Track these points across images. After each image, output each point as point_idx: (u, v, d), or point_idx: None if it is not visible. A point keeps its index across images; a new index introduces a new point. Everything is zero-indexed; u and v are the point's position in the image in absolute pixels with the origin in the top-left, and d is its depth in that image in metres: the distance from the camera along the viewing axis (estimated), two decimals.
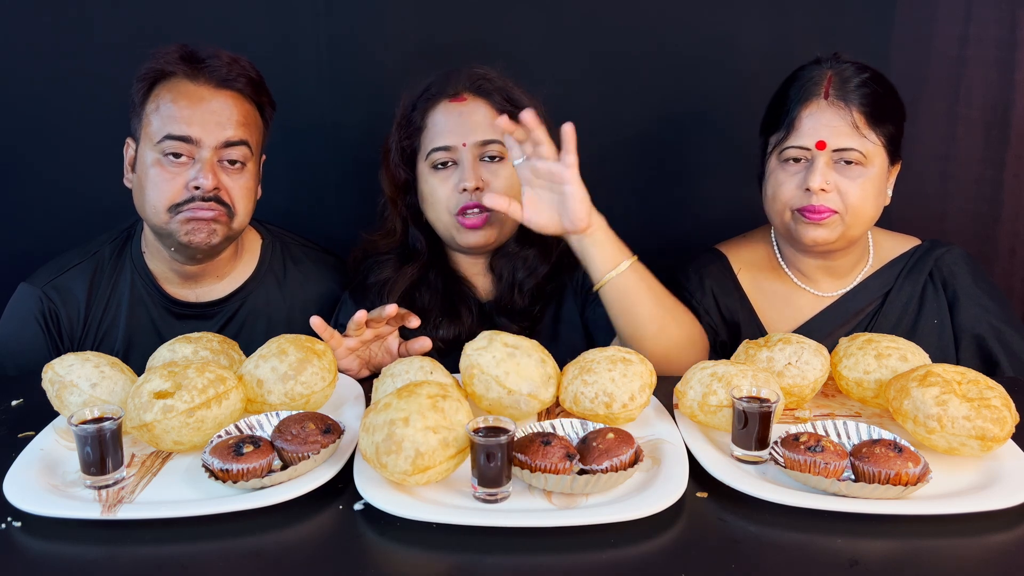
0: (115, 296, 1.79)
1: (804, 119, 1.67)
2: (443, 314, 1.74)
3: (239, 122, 1.66)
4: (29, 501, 1.13)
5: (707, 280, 1.85)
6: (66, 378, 1.33)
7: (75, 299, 1.77)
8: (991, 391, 1.26)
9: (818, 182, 1.64)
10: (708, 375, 1.34)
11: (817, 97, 1.67)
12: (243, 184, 1.68)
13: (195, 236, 1.65)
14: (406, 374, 1.36)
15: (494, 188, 1.65)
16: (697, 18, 2.14)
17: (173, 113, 1.62)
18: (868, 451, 1.17)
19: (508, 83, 1.71)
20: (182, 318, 1.79)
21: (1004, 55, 2.13)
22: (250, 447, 1.18)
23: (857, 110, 1.65)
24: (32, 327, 1.76)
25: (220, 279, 1.81)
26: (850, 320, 1.80)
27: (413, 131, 1.72)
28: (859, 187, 1.66)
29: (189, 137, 1.62)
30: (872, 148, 1.66)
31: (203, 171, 1.61)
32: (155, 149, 1.64)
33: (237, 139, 1.65)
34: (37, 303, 1.76)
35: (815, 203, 1.65)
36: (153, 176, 1.64)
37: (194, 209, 1.63)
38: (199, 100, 1.64)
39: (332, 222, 2.24)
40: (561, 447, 1.16)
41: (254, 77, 1.71)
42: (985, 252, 2.20)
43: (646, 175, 2.24)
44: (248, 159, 1.68)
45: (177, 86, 1.65)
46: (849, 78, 1.67)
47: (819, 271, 1.81)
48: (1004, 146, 2.18)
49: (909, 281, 1.80)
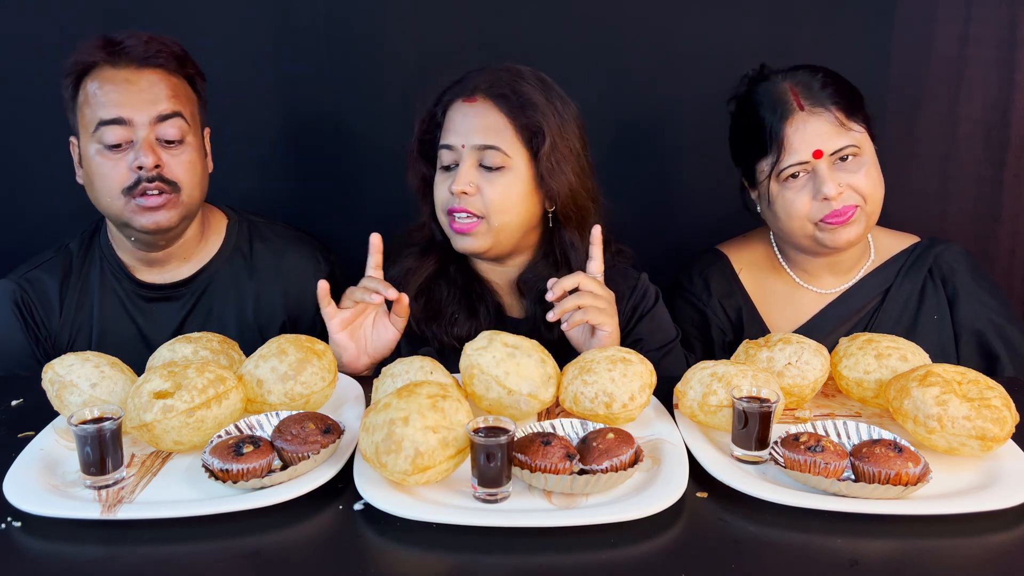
0: (87, 286, 1.82)
1: (791, 136, 1.68)
2: (460, 311, 1.71)
3: (169, 95, 1.68)
4: (29, 501, 1.13)
5: (711, 282, 1.86)
6: (66, 378, 1.33)
7: (48, 290, 1.81)
8: (991, 391, 1.26)
9: (832, 189, 1.66)
10: (708, 375, 1.34)
11: (794, 111, 1.68)
12: (186, 160, 1.70)
13: (151, 226, 1.68)
14: (406, 374, 1.36)
15: (487, 196, 1.60)
16: (697, 18, 2.14)
17: (100, 99, 1.65)
18: (868, 451, 1.17)
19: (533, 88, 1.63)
20: (152, 300, 1.82)
21: (1004, 55, 2.13)
22: (250, 447, 1.18)
23: (834, 109, 1.67)
24: (8, 317, 1.79)
25: (187, 261, 1.83)
26: (851, 317, 1.81)
27: (433, 127, 1.69)
28: (866, 175, 1.68)
29: (121, 118, 1.64)
30: (859, 137, 1.69)
31: (142, 150, 1.64)
32: (93, 139, 1.66)
33: (170, 111, 1.67)
34: (11, 294, 1.80)
35: (836, 207, 1.67)
36: (97, 166, 1.67)
37: (144, 197, 1.66)
38: (124, 82, 1.66)
39: (332, 221, 2.24)
40: (561, 447, 1.16)
41: (176, 51, 1.72)
42: (985, 252, 2.20)
43: (645, 175, 2.24)
44: (186, 132, 1.70)
45: (101, 73, 1.67)
46: (809, 82, 1.70)
47: (821, 268, 1.82)
48: (1004, 146, 2.18)
49: (909, 278, 1.80)
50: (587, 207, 1.69)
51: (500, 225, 1.63)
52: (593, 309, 1.52)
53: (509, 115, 1.62)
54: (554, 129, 1.62)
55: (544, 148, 1.61)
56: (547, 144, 1.61)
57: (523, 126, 1.62)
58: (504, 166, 1.61)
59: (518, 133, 1.62)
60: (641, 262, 1.83)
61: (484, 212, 1.61)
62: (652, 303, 1.76)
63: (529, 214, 1.66)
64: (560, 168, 1.63)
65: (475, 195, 1.61)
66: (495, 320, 1.73)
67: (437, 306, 1.71)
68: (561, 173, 1.63)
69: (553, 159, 1.62)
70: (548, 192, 1.65)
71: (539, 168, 1.62)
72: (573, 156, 1.65)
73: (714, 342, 1.85)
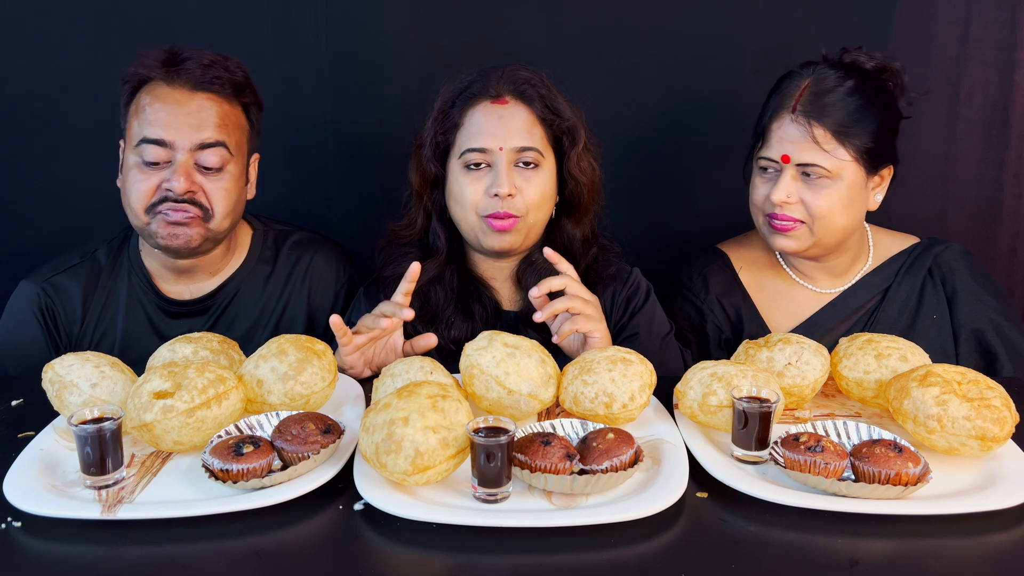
0: (113, 296, 1.80)
1: (773, 131, 1.70)
2: (456, 313, 1.73)
3: (216, 124, 1.66)
4: (29, 501, 1.13)
5: (710, 280, 1.86)
6: (66, 378, 1.33)
7: (72, 297, 1.79)
8: (991, 391, 1.26)
9: (780, 195, 1.68)
10: (708, 375, 1.34)
11: (786, 110, 1.68)
12: (222, 186, 1.68)
13: (172, 241, 1.67)
14: (406, 374, 1.36)
15: (527, 195, 1.64)
16: (698, 18, 2.14)
17: (149, 117, 1.64)
18: (868, 451, 1.17)
19: (551, 90, 1.69)
20: (178, 316, 1.80)
21: (1004, 55, 2.13)
22: (250, 447, 1.18)
23: (822, 126, 1.65)
24: (31, 323, 1.77)
25: (213, 275, 1.82)
26: (851, 316, 1.82)
27: (449, 127, 1.69)
28: (824, 199, 1.67)
29: (163, 140, 1.63)
30: (838, 163, 1.66)
31: (176, 174, 1.63)
32: (135, 152, 1.66)
33: (213, 141, 1.66)
34: (35, 299, 1.78)
35: (779, 212, 1.70)
36: (132, 177, 1.66)
37: (168, 211, 1.65)
38: (174, 103, 1.65)
39: (332, 221, 2.23)
40: (561, 447, 1.16)
41: (237, 79, 1.71)
42: (985, 252, 2.20)
43: (647, 175, 2.24)
44: (227, 161, 1.68)
45: (155, 90, 1.66)
46: (824, 91, 1.66)
47: (816, 270, 1.82)
48: (1004, 146, 2.18)
49: (908, 278, 1.81)
50: (596, 199, 1.76)
51: (534, 221, 1.68)
52: (581, 317, 1.55)
53: (539, 115, 1.67)
54: (577, 127, 1.70)
55: (576, 147, 1.69)
56: (578, 143, 1.69)
57: (549, 125, 1.68)
58: (539, 165, 1.66)
59: (545, 133, 1.68)
60: (640, 262, 1.84)
61: (523, 211, 1.65)
62: (645, 297, 1.79)
63: (551, 209, 1.72)
64: (580, 164, 1.70)
65: (516, 196, 1.64)
66: (493, 317, 1.74)
67: (433, 310, 1.71)
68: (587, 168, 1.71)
69: (577, 155, 1.70)
70: (572, 187, 1.71)
71: (565, 165, 1.70)
72: (588, 152, 1.73)
73: (709, 339, 1.86)
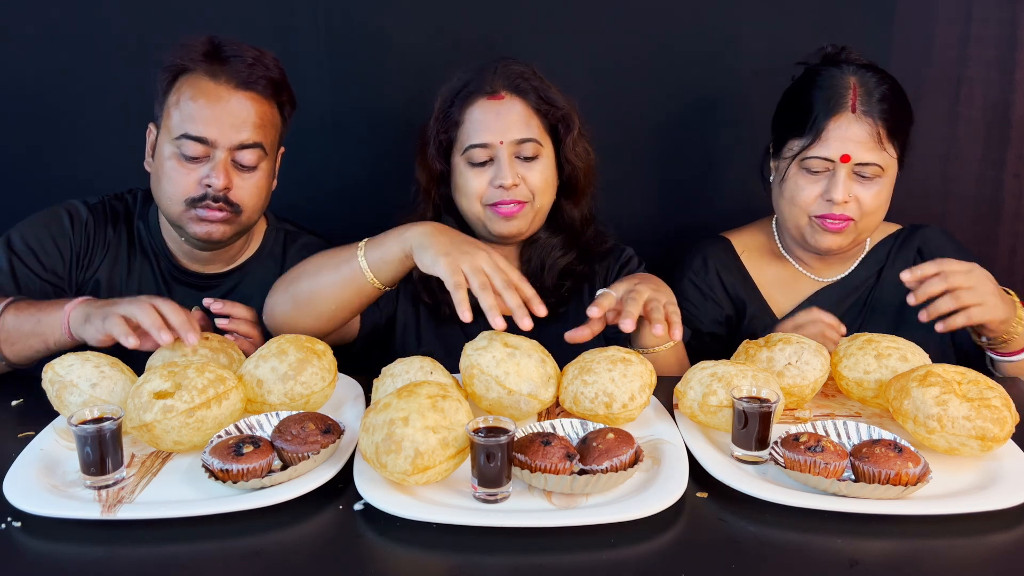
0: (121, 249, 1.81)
1: (831, 130, 1.68)
2: None
3: (255, 124, 1.68)
4: (29, 501, 1.13)
5: (710, 260, 1.90)
6: (66, 378, 1.33)
7: (88, 227, 1.80)
8: (991, 391, 1.26)
9: (841, 195, 1.68)
10: (708, 375, 1.34)
11: (845, 109, 1.68)
12: (254, 183, 1.71)
13: (204, 236, 1.69)
14: (406, 374, 1.36)
15: (529, 184, 1.71)
16: (702, 17, 2.15)
17: (192, 112, 1.65)
18: (868, 451, 1.17)
19: (543, 81, 1.75)
20: (182, 283, 1.82)
21: (1004, 55, 2.13)
22: (250, 447, 1.18)
23: (883, 125, 1.68)
24: (59, 219, 1.78)
25: (229, 263, 1.86)
26: (849, 295, 1.86)
27: (451, 125, 1.75)
28: (876, 196, 1.70)
29: (205, 139, 1.65)
30: (889, 160, 1.70)
31: (216, 170, 1.65)
32: (173, 143, 1.67)
33: (251, 142, 1.67)
34: (67, 206, 1.80)
35: (836, 212, 1.70)
36: (169, 169, 1.67)
37: (206, 210, 1.67)
38: (217, 100, 1.65)
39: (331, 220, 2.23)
40: (561, 447, 1.16)
41: (276, 77, 1.72)
42: (985, 252, 2.20)
43: (660, 167, 2.25)
44: (261, 159, 1.71)
45: (198, 83, 1.67)
46: (872, 90, 1.69)
47: (817, 260, 1.87)
48: (1004, 146, 2.18)
49: (900, 258, 1.86)
50: (592, 181, 1.82)
51: (540, 206, 1.75)
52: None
53: (535, 107, 1.73)
54: (571, 115, 1.76)
55: (571, 134, 1.75)
56: (573, 129, 1.76)
57: (545, 115, 1.73)
58: (538, 155, 1.72)
59: (542, 122, 1.74)
60: (641, 258, 1.87)
61: (529, 198, 1.72)
62: (637, 268, 1.85)
63: (554, 193, 1.78)
64: (576, 150, 1.77)
65: (520, 185, 1.71)
66: None
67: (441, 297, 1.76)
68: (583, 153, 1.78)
69: (572, 141, 1.76)
70: (569, 171, 1.78)
71: (562, 151, 1.76)
72: (583, 138, 1.79)
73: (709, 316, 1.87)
